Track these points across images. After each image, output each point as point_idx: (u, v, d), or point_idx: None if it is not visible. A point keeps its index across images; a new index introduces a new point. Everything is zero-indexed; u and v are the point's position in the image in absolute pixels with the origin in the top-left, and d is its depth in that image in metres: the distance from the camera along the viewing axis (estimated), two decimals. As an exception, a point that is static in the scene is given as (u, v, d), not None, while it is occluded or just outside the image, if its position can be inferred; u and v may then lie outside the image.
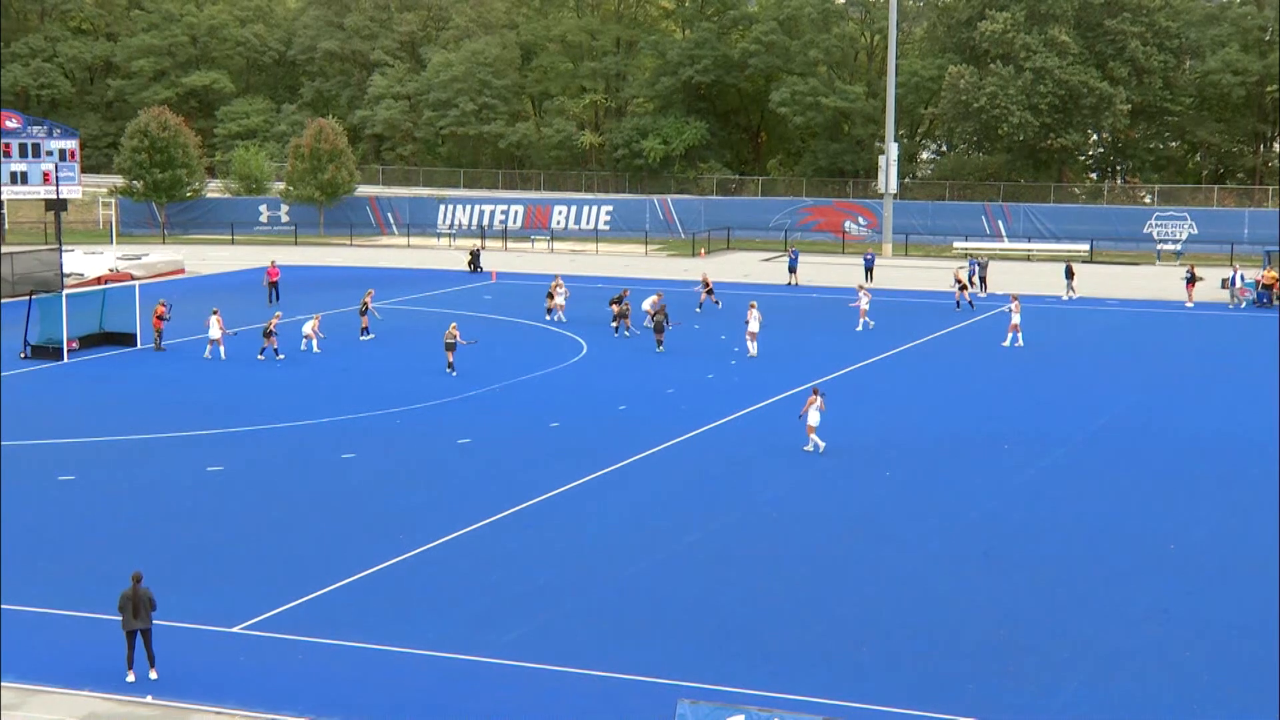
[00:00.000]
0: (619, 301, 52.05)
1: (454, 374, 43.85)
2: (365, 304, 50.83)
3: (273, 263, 60.52)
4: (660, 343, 48.10)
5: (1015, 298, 51.61)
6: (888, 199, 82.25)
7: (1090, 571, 26.18)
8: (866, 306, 53.90)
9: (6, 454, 34.35)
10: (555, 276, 57.83)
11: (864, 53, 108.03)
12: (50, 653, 21.91)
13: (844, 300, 58.35)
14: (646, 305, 51.55)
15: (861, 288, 56.35)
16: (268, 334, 46.78)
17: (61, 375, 44.58)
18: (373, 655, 21.95)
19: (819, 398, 34.64)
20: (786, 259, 70.34)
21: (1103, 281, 69.39)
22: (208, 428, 37.04)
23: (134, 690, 20.54)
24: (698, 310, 55.96)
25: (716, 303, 56.87)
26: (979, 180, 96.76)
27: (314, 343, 47.93)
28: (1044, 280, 68.06)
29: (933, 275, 69.50)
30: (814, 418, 34.54)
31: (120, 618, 20.98)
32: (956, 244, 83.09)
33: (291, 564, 26.17)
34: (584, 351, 48.16)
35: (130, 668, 20.88)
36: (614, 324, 51.58)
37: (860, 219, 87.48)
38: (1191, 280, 61.46)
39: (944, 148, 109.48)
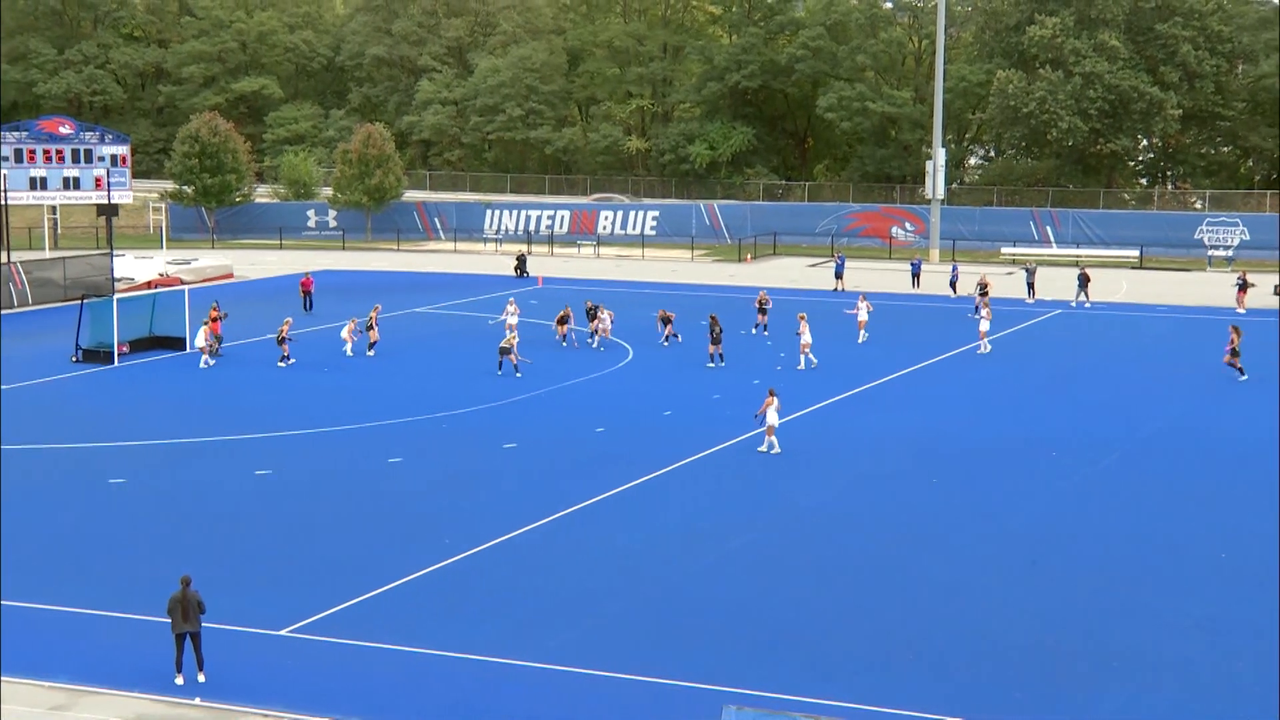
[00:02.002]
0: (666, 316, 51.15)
1: (515, 374, 44.30)
2: (371, 319, 49.68)
3: (307, 273, 60.18)
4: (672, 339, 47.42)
5: (986, 304, 50.86)
6: (935, 204, 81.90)
7: (1139, 579, 25.96)
8: (865, 318, 51.70)
9: (58, 457, 34.69)
10: (586, 301, 53.17)
11: (911, 58, 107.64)
12: (100, 654, 22.08)
13: (889, 305, 58.17)
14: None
15: (863, 297, 53.88)
16: (281, 340, 46.62)
17: (112, 379, 44.96)
18: (419, 659, 22.01)
19: (774, 399, 34.50)
20: (833, 265, 70.16)
21: (1152, 288, 68.84)
22: (256, 432, 37.26)
23: (182, 692, 20.67)
24: (751, 332, 52.45)
25: (763, 328, 52.64)
26: (1027, 186, 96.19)
27: (348, 346, 48.14)
28: (1093, 286, 67.55)
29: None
30: (772, 418, 34.44)
31: (169, 620, 21.13)
32: (1004, 250, 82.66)
33: (339, 568, 26.28)
34: (629, 357, 48.17)
35: (179, 670, 21.02)
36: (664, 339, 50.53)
37: (907, 224, 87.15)
38: (1243, 287, 60.84)
39: (992, 153, 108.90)
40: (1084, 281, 62.94)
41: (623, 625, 23.63)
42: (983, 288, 57.86)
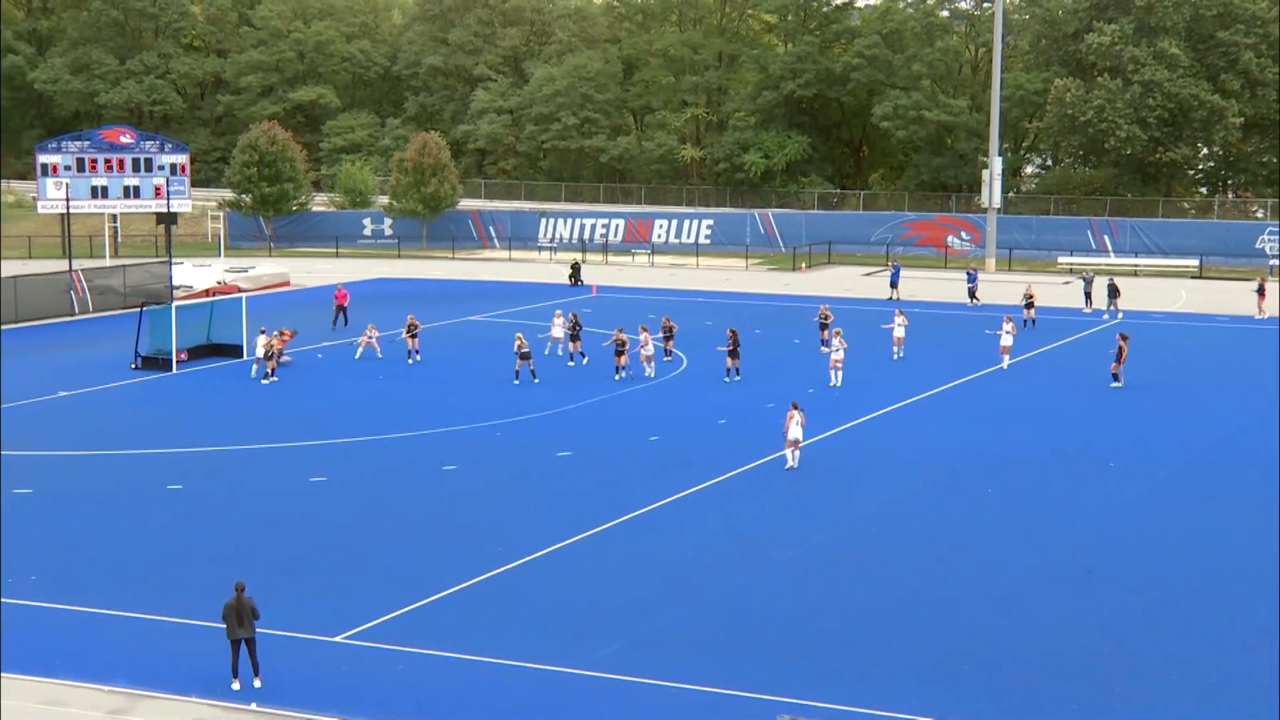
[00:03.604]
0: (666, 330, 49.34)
1: (536, 380, 44.49)
2: (411, 323, 49.63)
3: (340, 286, 59.21)
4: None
5: (1009, 319, 49.21)
6: (991, 213, 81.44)
7: (1199, 592, 25.69)
8: (902, 334, 49.86)
9: (117, 463, 35.03)
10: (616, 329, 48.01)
11: (968, 66, 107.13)
12: (157, 659, 22.25)
13: (945, 314, 57.84)
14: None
15: (899, 312, 51.67)
16: (269, 356, 45.73)
17: (170, 386, 45.36)
18: (472, 666, 22.06)
19: (798, 412, 34.14)
20: (888, 274, 69.87)
21: (1212, 297, 68.16)
22: (311, 439, 37.49)
23: (238, 698, 20.80)
24: (821, 350, 49.38)
25: (825, 345, 49.48)
26: (1084, 194, 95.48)
27: (359, 351, 48.54)
28: (1151, 296, 67.06)
29: (1035, 291, 68.59)
30: (794, 432, 34.02)
31: (224, 626, 21.29)
32: (1061, 259, 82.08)
33: (393, 575, 26.38)
34: (684, 366, 48.14)
35: (235, 675, 21.16)
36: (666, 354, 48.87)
37: (963, 233, 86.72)
38: (1262, 291, 60.66)
39: (1049, 162, 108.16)
40: (1114, 292, 62.21)
41: (675, 634, 23.60)
42: (1029, 299, 57.41)
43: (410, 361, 48.49)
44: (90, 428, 38.87)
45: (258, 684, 21.12)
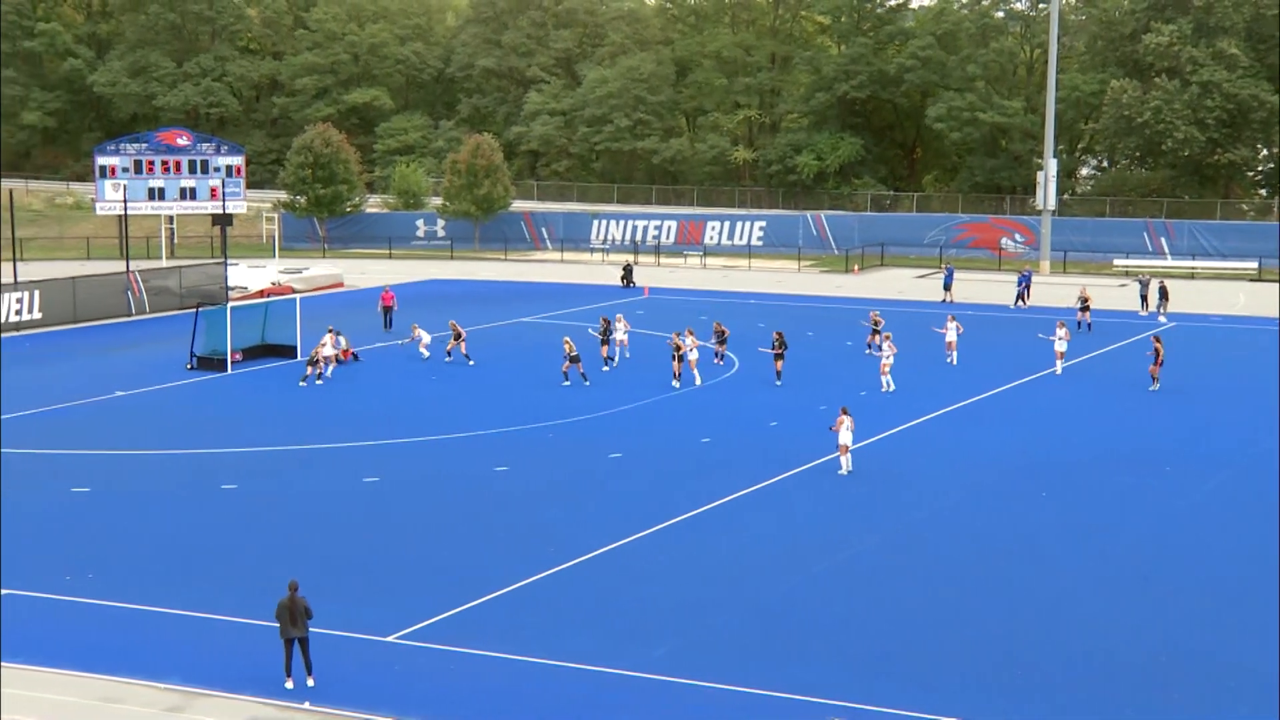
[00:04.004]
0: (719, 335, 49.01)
1: (587, 383, 44.50)
2: (455, 329, 49.35)
3: (386, 287, 59.15)
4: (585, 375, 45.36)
5: (1062, 323, 48.08)
6: (1046, 215, 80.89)
7: (1256, 597, 25.40)
8: (954, 339, 49.00)
9: (172, 462, 35.34)
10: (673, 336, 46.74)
11: (1023, 67, 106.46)
12: (212, 657, 22.43)
13: (998, 317, 57.42)
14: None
15: (951, 317, 50.65)
16: (313, 361, 45.94)
17: (225, 386, 45.71)
18: (523, 667, 22.11)
19: (847, 416, 33.92)
20: (941, 276, 69.53)
21: (1271, 301, 67.35)
22: (364, 439, 37.68)
23: (292, 696, 20.94)
24: (866, 352, 50.30)
25: (870, 349, 50.07)
26: (1141, 196, 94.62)
27: (423, 350, 49.06)
28: (1208, 299, 66.38)
29: (1091, 294, 68.13)
30: (845, 437, 33.82)
31: (278, 625, 21.43)
32: (1117, 261, 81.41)
33: (445, 575, 26.48)
34: (735, 368, 48.08)
35: (288, 674, 21.30)
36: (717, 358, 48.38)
37: (1017, 235, 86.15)
38: None
39: (1105, 163, 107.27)
40: (1164, 295, 61.47)
41: (726, 636, 23.58)
42: (1084, 302, 56.94)
43: (448, 360, 48.63)
44: (146, 427, 39.24)
45: (311, 683, 21.25)
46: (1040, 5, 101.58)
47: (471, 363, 48.34)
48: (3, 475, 33.20)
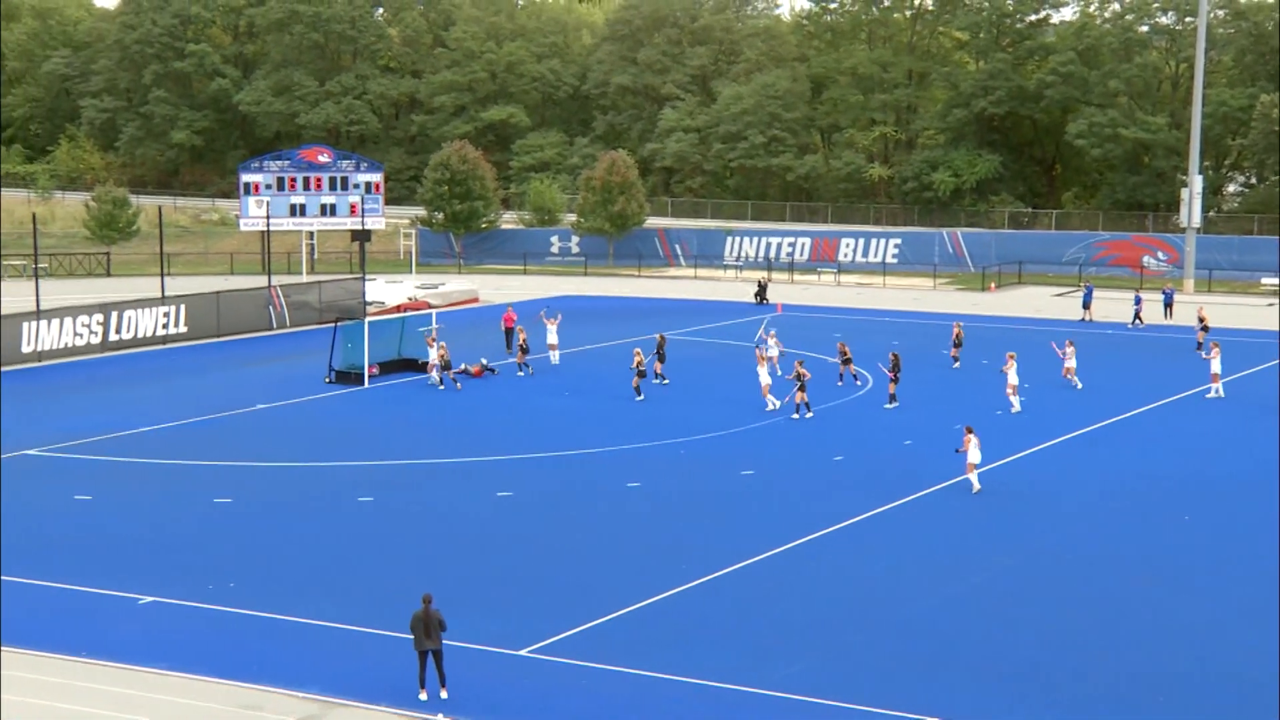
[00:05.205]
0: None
1: (640, 398, 44.77)
2: (647, 354, 49.23)
3: (509, 307, 58.41)
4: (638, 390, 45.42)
5: (1216, 344, 46.80)
6: (1190, 233, 79.11)
7: None
8: (1073, 365, 47.17)
9: (312, 475, 35.95)
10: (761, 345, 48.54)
11: (1168, 82, 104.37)
12: (348, 667, 22.74)
13: (1138, 336, 56.15)
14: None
15: (1069, 342, 48.49)
16: (447, 366, 47.27)
17: (362, 399, 46.38)
18: (654, 683, 22.11)
19: (973, 435, 33.48)
20: (1080, 294, 68.32)
21: None
22: (497, 454, 37.99)
23: (426, 708, 21.15)
24: (954, 366, 50.53)
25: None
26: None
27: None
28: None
29: (1237, 313, 66.55)
30: (974, 455, 33.44)
31: (412, 637, 21.66)
32: (1264, 280, 79.37)
33: (577, 590, 26.59)
34: (868, 385, 47.68)
35: (422, 686, 21.52)
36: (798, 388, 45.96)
37: (1159, 254, 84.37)
38: None
39: (1253, 180, 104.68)
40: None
41: (857, 656, 23.36)
42: (1201, 322, 55.30)
43: (520, 375, 49.19)
44: (286, 440, 39.96)
45: (444, 695, 21.45)
46: (1187, 19, 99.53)
47: (666, 381, 47.97)
48: (147, 486, 34.04)
